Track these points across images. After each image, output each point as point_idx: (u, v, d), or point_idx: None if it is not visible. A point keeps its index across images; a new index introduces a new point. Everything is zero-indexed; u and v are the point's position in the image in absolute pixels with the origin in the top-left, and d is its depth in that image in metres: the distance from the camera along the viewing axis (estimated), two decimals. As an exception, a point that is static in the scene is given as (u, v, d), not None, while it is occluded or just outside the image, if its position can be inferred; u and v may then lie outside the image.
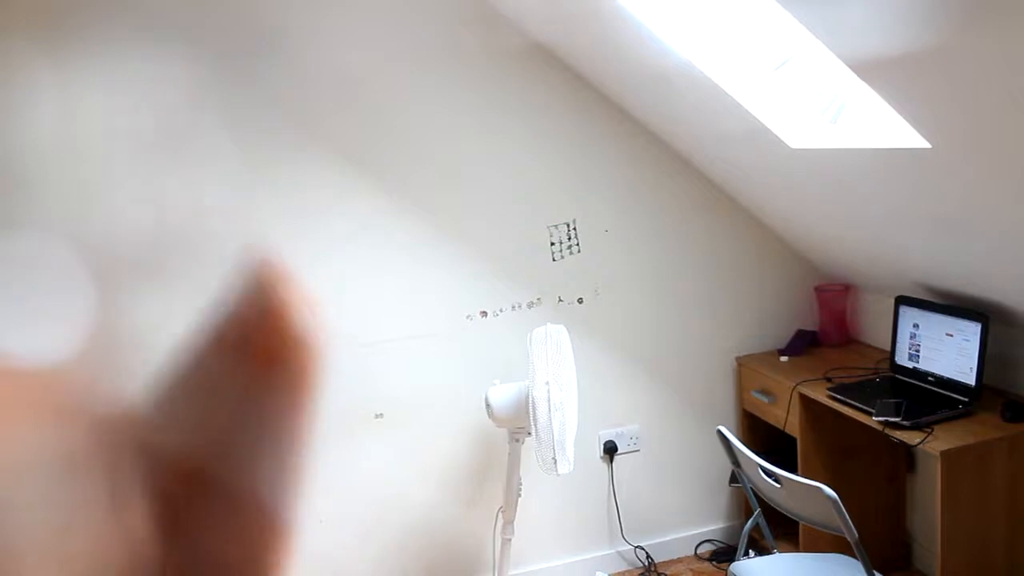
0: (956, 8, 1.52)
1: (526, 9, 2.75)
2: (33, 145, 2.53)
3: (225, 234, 2.73)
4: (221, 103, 2.67)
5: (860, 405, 2.61)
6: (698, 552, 3.36)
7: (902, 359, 2.81)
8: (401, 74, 2.82)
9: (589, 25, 2.54)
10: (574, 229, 3.05)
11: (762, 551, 2.71)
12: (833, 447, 2.93)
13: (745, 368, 3.25)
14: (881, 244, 2.78)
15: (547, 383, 2.51)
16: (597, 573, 3.18)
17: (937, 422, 2.45)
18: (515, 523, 2.79)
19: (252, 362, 0.46)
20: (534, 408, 2.48)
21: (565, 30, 2.75)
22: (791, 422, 2.94)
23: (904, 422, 2.45)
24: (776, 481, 2.22)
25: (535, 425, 2.48)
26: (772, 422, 3.08)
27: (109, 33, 2.55)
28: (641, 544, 3.28)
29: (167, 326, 2.72)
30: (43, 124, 2.53)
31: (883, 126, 2.13)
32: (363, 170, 2.83)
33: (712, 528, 3.40)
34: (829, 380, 2.88)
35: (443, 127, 2.89)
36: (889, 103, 1.92)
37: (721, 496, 3.39)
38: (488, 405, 2.64)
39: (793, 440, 2.95)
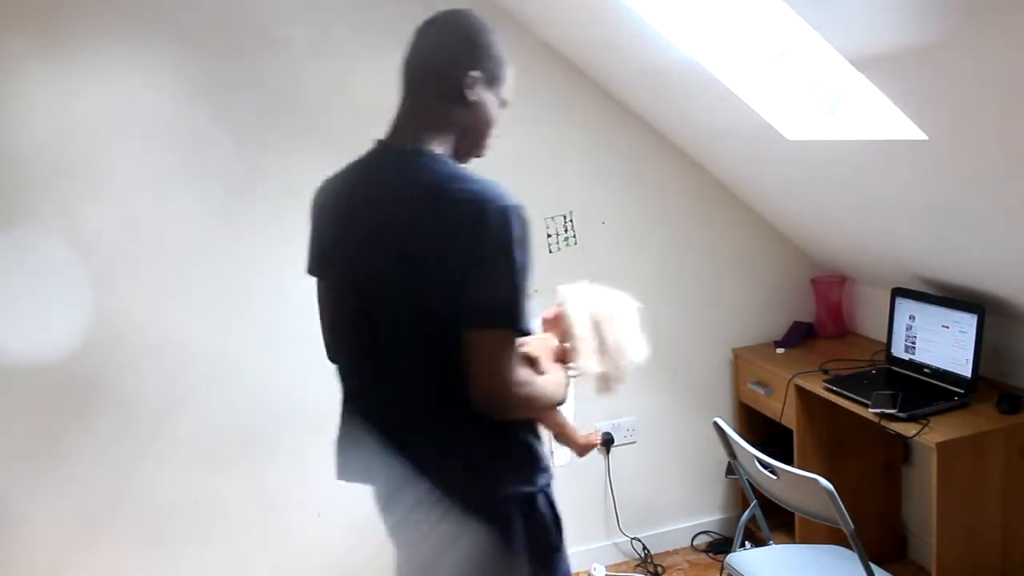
0: (954, 2, 1.52)
1: (526, 4, 2.74)
2: (30, 144, 2.52)
3: (225, 231, 2.73)
4: (217, 102, 2.66)
5: (856, 397, 2.61)
6: (694, 543, 3.37)
7: (898, 351, 2.82)
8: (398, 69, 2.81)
9: (588, 19, 2.53)
10: (571, 221, 3.05)
11: (758, 542, 2.71)
12: (829, 439, 2.94)
13: (741, 360, 3.25)
14: (877, 236, 2.78)
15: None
16: (594, 565, 3.18)
17: (933, 414, 2.46)
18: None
19: None
20: (531, 400, 2.48)
21: (564, 25, 2.74)
22: (787, 414, 2.94)
23: (900, 414, 2.45)
24: (772, 473, 2.23)
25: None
26: (768, 414, 3.09)
27: (106, 33, 2.54)
28: (638, 536, 3.29)
29: (165, 323, 2.72)
30: (40, 123, 2.52)
31: (880, 118, 2.13)
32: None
33: (708, 519, 3.41)
34: (825, 372, 2.88)
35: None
36: (886, 95, 1.92)
37: (717, 488, 3.40)
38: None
39: (789, 432, 2.95)
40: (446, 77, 1.52)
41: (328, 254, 1.63)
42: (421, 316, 1.46)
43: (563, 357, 1.67)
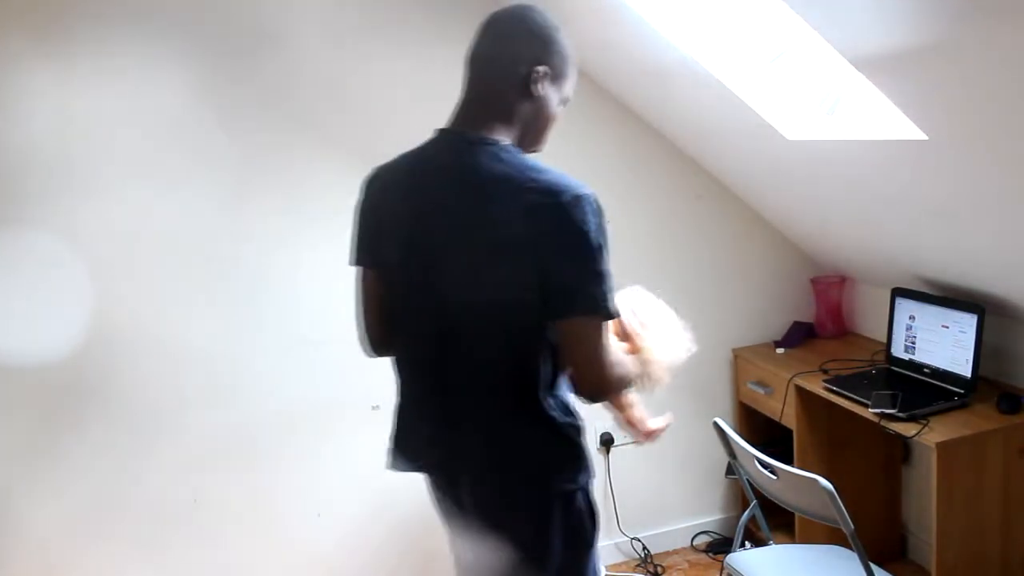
0: (953, 2, 1.52)
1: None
2: (30, 144, 2.52)
3: (224, 231, 2.73)
4: (219, 101, 2.66)
5: (856, 397, 2.61)
6: (694, 543, 3.37)
7: (898, 351, 2.82)
8: (398, 70, 2.81)
9: (588, 20, 2.53)
10: (571, 221, 3.05)
11: (758, 542, 2.71)
12: (829, 439, 2.94)
13: (741, 360, 3.25)
14: (877, 236, 2.78)
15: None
16: (594, 564, 3.18)
17: (933, 414, 2.46)
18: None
19: None
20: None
21: (564, 24, 2.73)
22: (787, 414, 2.94)
23: (900, 414, 2.45)
24: (772, 473, 2.23)
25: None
26: (768, 414, 3.09)
27: (107, 32, 2.54)
28: (637, 536, 3.29)
29: (165, 323, 2.71)
30: (40, 123, 2.52)
31: (880, 118, 2.13)
32: (361, 165, 2.81)
33: (708, 520, 3.41)
34: (825, 372, 2.88)
35: (440, 120, 2.87)
36: (886, 95, 1.92)
37: (717, 488, 3.40)
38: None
39: (789, 432, 2.95)
40: (514, 71, 1.54)
41: (387, 243, 1.62)
42: (490, 306, 1.48)
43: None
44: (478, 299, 1.49)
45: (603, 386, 1.50)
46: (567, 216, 1.42)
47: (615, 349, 1.50)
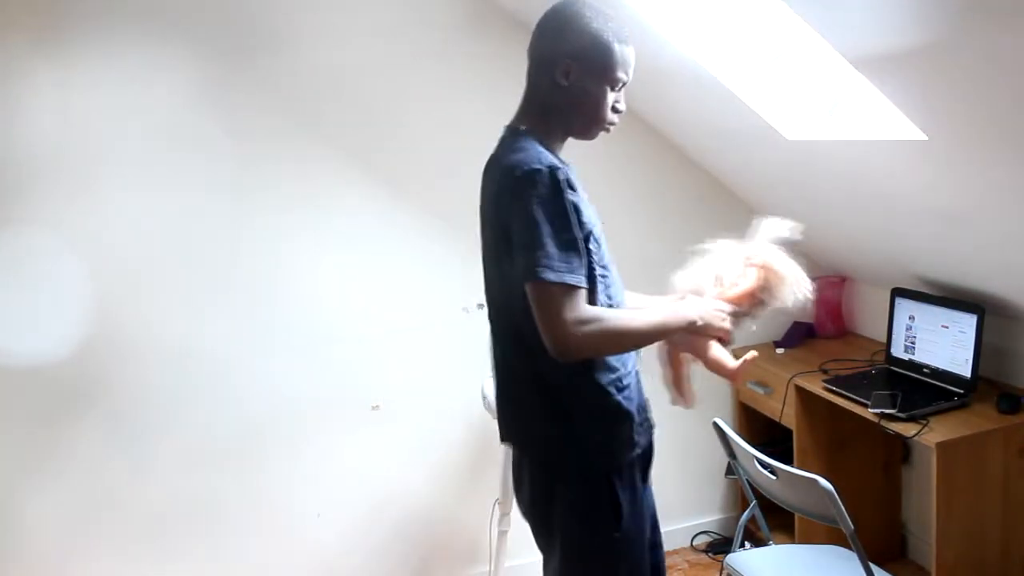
0: (953, 2, 1.52)
1: (526, 4, 2.73)
2: (30, 144, 2.52)
3: (223, 231, 2.73)
4: (221, 101, 2.66)
5: (856, 397, 2.61)
6: (694, 543, 3.37)
7: (898, 351, 2.82)
8: (400, 70, 2.81)
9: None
10: (570, 221, 3.05)
11: (758, 542, 2.71)
12: (829, 439, 2.94)
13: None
14: (877, 236, 2.78)
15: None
16: (593, 564, 3.18)
17: (933, 414, 2.46)
18: (511, 515, 2.79)
19: None
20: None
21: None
22: (787, 414, 2.94)
23: (900, 414, 2.45)
24: (772, 473, 2.23)
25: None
26: (768, 414, 3.09)
27: (107, 32, 2.54)
28: (637, 535, 3.29)
29: (164, 324, 2.71)
30: (40, 123, 2.52)
31: (880, 118, 2.13)
32: (360, 165, 2.82)
33: (708, 520, 3.41)
34: (825, 372, 2.88)
35: (440, 121, 2.88)
36: (886, 95, 1.92)
37: (717, 488, 3.40)
38: (484, 397, 2.64)
39: (789, 432, 2.95)
40: (544, 65, 1.65)
41: None
42: (500, 292, 1.66)
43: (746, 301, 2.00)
44: (492, 289, 1.69)
45: (560, 347, 1.52)
46: (517, 189, 1.51)
47: (589, 309, 1.54)
